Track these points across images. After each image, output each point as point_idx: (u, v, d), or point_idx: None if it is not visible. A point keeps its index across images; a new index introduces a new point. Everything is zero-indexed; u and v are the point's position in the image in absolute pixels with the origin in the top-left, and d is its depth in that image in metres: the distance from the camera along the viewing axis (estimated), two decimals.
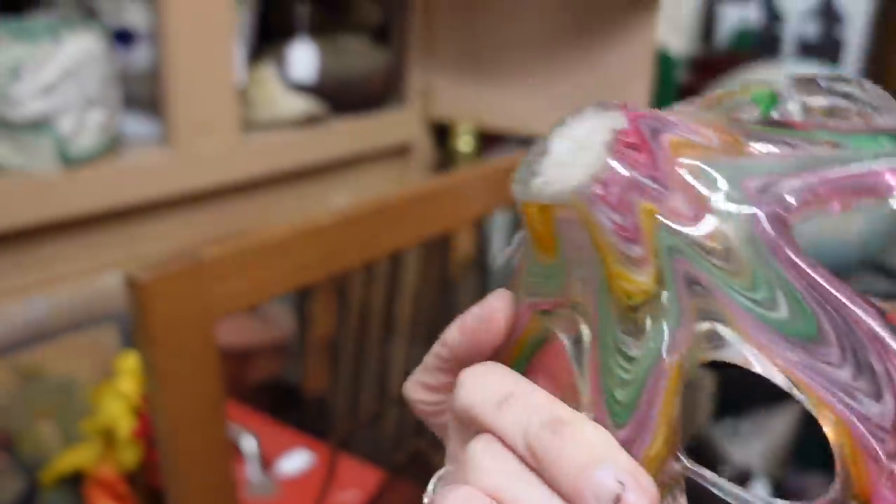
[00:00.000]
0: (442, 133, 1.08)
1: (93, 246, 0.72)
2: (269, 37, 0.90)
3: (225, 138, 0.78)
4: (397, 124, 1.02)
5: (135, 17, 0.75)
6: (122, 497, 0.64)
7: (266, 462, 0.82)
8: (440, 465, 0.26)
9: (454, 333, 0.25)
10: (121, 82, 0.74)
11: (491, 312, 0.24)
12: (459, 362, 0.25)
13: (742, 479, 0.97)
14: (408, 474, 0.83)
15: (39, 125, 0.65)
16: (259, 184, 0.86)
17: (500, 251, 1.06)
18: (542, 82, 0.95)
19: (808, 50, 1.54)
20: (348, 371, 0.95)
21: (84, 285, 0.72)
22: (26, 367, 0.67)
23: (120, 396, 0.64)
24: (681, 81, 1.35)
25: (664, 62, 1.12)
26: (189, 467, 0.49)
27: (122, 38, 0.75)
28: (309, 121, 0.89)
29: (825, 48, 1.51)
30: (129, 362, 0.67)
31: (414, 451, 0.87)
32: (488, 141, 1.07)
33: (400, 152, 1.05)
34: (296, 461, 0.86)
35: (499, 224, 1.09)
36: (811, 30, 1.54)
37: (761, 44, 1.55)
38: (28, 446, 0.69)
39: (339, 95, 0.92)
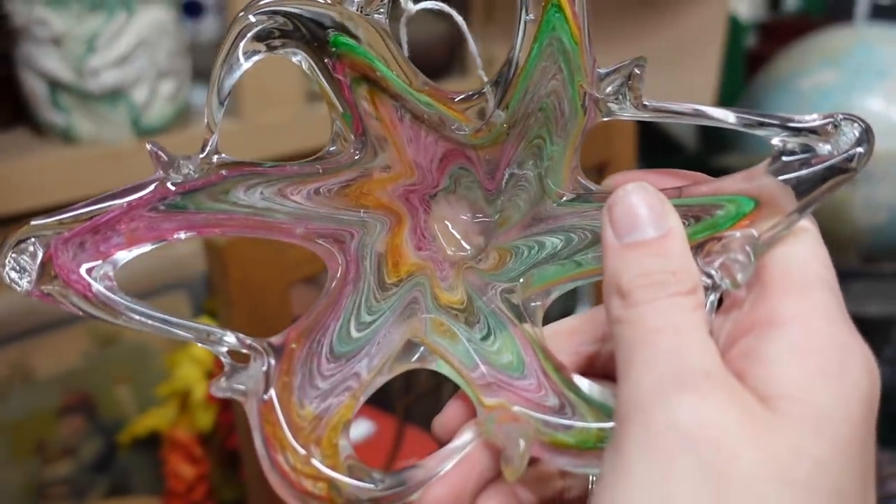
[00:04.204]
0: None
1: None
2: None
3: (289, 108, 0.79)
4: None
5: None
6: (197, 458, 0.66)
7: None
8: None
9: None
10: (189, 54, 0.75)
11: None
12: None
13: None
14: None
15: (114, 96, 0.66)
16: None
17: None
18: (608, 48, 0.92)
19: (883, 13, 1.47)
20: None
21: (156, 253, 0.73)
22: (104, 332, 0.69)
23: (194, 361, 0.66)
24: (749, 47, 1.30)
25: (733, 27, 1.09)
26: None
27: (191, 10, 0.76)
28: None
29: None
30: None
31: None
32: None
33: None
34: (358, 429, 0.87)
35: None
36: None
37: (833, 7, 1.49)
38: (106, 409, 0.72)
39: None
